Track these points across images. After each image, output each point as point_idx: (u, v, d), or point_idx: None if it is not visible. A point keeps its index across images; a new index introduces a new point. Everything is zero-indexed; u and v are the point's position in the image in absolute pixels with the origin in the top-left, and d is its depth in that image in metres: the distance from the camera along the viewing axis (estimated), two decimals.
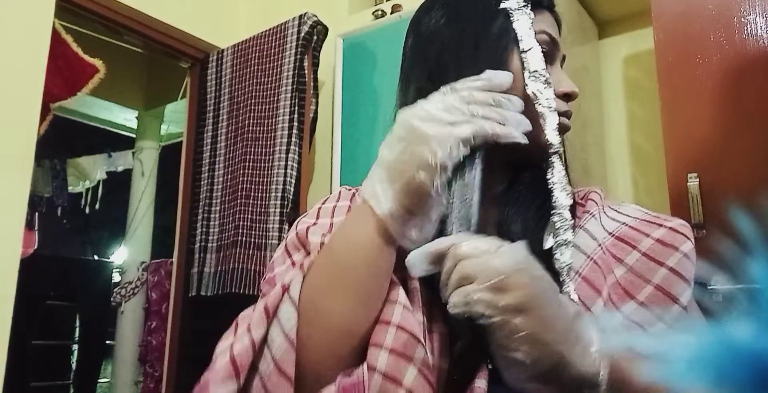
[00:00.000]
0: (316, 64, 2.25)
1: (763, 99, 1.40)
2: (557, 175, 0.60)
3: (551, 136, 0.60)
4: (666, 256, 0.58)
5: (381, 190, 0.54)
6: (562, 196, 0.59)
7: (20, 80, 1.90)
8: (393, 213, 0.53)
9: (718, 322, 0.23)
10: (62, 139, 3.03)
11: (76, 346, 4.29)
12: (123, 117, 4.23)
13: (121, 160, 4.06)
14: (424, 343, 0.52)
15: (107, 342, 4.23)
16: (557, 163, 0.60)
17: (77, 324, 4.27)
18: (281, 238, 2.08)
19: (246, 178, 2.23)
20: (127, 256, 3.90)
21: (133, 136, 4.18)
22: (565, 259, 0.57)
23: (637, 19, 2.17)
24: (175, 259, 2.52)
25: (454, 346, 0.55)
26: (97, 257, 5.03)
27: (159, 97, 3.97)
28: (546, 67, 0.63)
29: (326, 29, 2.24)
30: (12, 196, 1.82)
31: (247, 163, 2.25)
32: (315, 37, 2.22)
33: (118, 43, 2.66)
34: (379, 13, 2.21)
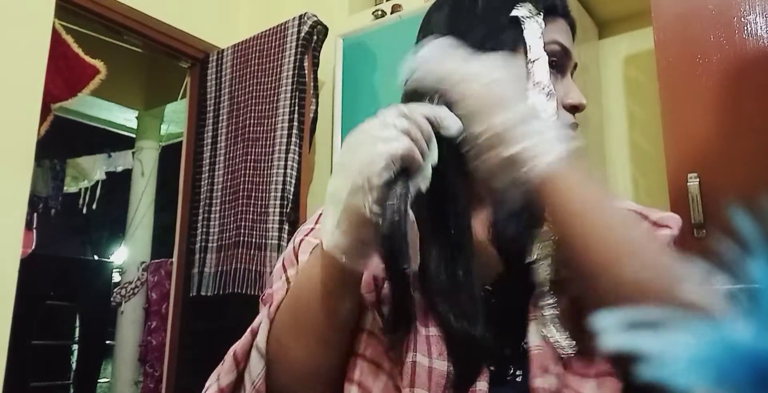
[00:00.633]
0: (316, 64, 2.25)
1: (763, 99, 1.40)
2: None
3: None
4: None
5: (326, 224, 0.52)
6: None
7: (20, 80, 1.90)
8: (339, 245, 0.50)
9: (719, 322, 0.23)
10: (62, 139, 3.03)
11: (76, 346, 4.29)
12: (123, 117, 4.23)
13: (120, 160, 4.06)
14: (388, 367, 0.55)
15: (107, 342, 4.24)
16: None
17: (77, 324, 4.28)
18: (281, 238, 2.08)
19: (246, 179, 2.23)
20: (127, 256, 3.90)
21: (133, 136, 4.18)
22: (546, 272, 0.57)
23: (637, 19, 2.16)
24: (175, 259, 2.52)
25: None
26: (97, 257, 5.04)
27: (159, 97, 3.97)
28: (556, 77, 0.63)
29: (326, 29, 2.24)
30: (12, 196, 1.82)
31: (247, 163, 2.25)
32: (315, 37, 2.22)
33: (118, 43, 2.66)
34: (379, 13, 2.21)
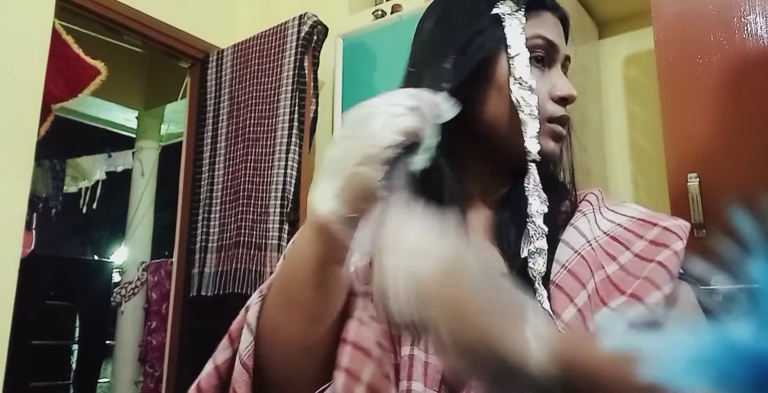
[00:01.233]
0: (316, 64, 2.25)
1: (763, 99, 1.40)
2: (532, 183, 0.60)
3: (530, 143, 0.60)
4: (656, 254, 0.57)
5: (321, 191, 0.51)
6: (536, 203, 0.59)
7: (20, 80, 1.90)
8: (335, 211, 0.50)
9: (718, 322, 0.23)
10: (62, 139, 3.03)
11: (76, 346, 4.29)
12: (123, 117, 4.23)
13: (121, 160, 4.06)
14: (379, 355, 0.54)
15: (107, 342, 4.24)
16: (534, 170, 0.61)
17: (77, 324, 4.28)
18: (281, 238, 2.08)
19: (246, 179, 2.23)
20: (127, 256, 3.90)
21: (133, 136, 4.18)
22: (538, 267, 0.57)
23: (637, 19, 2.16)
24: (175, 259, 2.52)
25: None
26: (97, 257, 5.04)
27: (159, 97, 3.97)
28: (542, 70, 0.64)
29: (326, 29, 2.24)
30: (12, 196, 1.82)
31: (248, 163, 2.25)
32: (315, 37, 2.22)
33: (118, 43, 2.66)
34: (379, 13, 2.21)
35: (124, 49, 2.72)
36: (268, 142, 2.20)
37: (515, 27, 0.62)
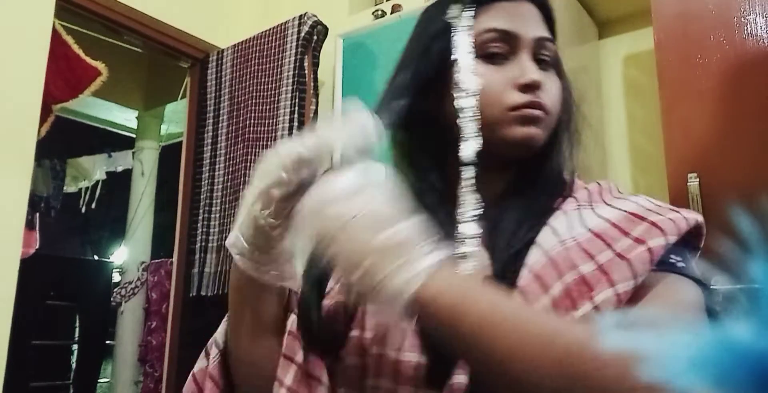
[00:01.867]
0: (316, 64, 2.25)
1: (763, 99, 1.40)
2: (466, 184, 0.60)
3: (464, 147, 0.60)
4: (631, 252, 0.53)
5: (235, 226, 0.56)
6: (468, 206, 0.59)
7: (20, 80, 1.90)
8: (237, 247, 0.55)
9: (718, 322, 0.23)
10: (62, 139, 3.02)
11: (76, 346, 4.29)
12: (123, 117, 4.23)
13: (121, 160, 4.06)
14: (300, 359, 0.58)
15: (107, 342, 4.23)
16: (469, 172, 0.60)
17: (77, 324, 4.27)
18: None
19: (246, 179, 2.23)
20: (127, 256, 3.90)
21: (133, 136, 4.18)
22: (466, 270, 0.57)
23: (637, 19, 2.17)
24: (175, 259, 2.52)
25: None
26: (97, 257, 5.03)
27: (159, 97, 3.97)
28: (500, 64, 0.63)
29: (326, 29, 2.24)
30: (12, 196, 1.82)
31: (248, 163, 2.25)
32: (315, 37, 2.22)
33: (118, 43, 2.66)
34: (379, 13, 2.21)
35: (124, 49, 2.72)
36: (268, 142, 2.20)
37: (463, 31, 0.63)
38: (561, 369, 0.41)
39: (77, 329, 4.27)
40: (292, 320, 0.61)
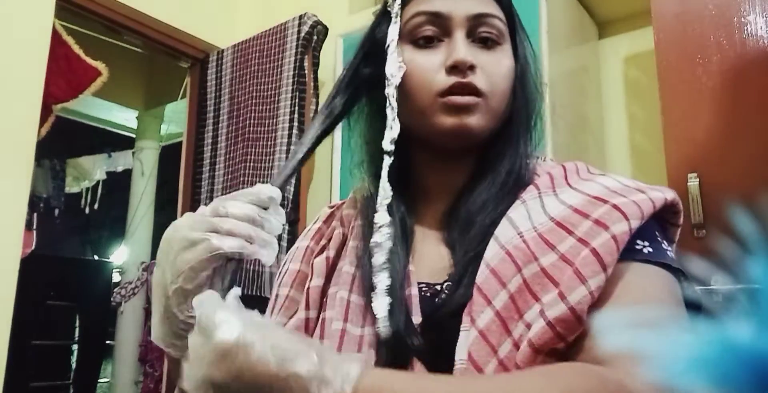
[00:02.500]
0: (316, 64, 2.25)
1: (763, 99, 1.40)
2: (383, 176, 0.59)
3: (385, 141, 0.60)
4: (593, 238, 0.50)
5: (154, 315, 0.53)
6: (382, 196, 0.59)
7: (21, 80, 1.90)
8: (161, 338, 0.51)
9: (718, 322, 0.23)
10: (62, 139, 3.03)
11: (76, 346, 4.29)
12: (123, 117, 4.23)
13: (121, 160, 4.06)
14: None
15: (107, 342, 4.23)
16: (386, 162, 0.59)
17: (77, 324, 4.27)
18: (280, 238, 2.08)
19: (246, 179, 2.23)
20: (127, 256, 3.90)
21: (133, 136, 4.18)
22: (378, 261, 0.57)
23: (637, 19, 2.16)
24: None
25: None
26: (97, 257, 5.03)
27: (159, 97, 3.97)
28: (432, 48, 0.61)
29: (326, 29, 2.24)
30: (12, 196, 1.82)
31: (247, 163, 2.25)
32: (315, 37, 2.22)
33: (118, 43, 2.66)
34: None
35: (124, 49, 2.72)
36: (268, 142, 2.20)
37: (393, 23, 0.62)
38: None
39: (77, 329, 4.27)
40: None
